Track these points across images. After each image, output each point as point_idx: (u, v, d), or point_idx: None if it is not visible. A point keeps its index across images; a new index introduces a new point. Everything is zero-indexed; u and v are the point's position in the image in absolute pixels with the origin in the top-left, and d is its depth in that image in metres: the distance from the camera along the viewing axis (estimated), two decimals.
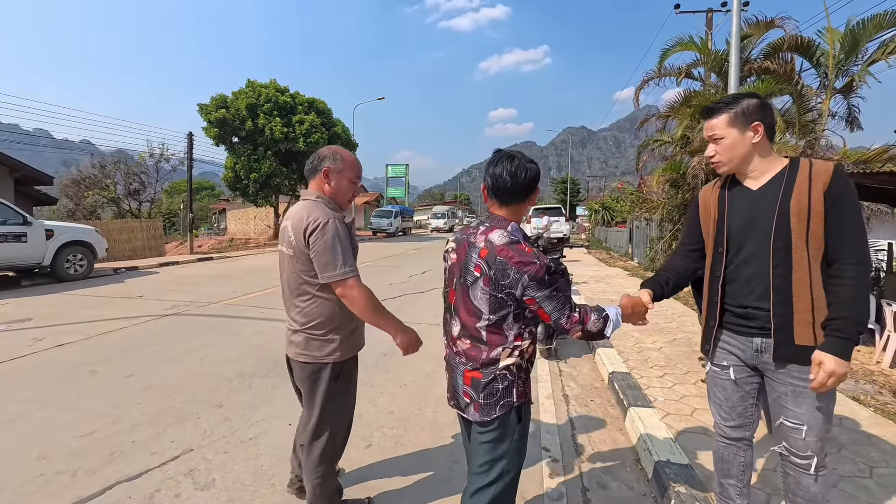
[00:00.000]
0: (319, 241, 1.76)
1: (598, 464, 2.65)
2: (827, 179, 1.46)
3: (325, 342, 1.90)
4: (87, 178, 23.84)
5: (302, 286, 1.88)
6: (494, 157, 1.60)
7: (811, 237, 1.47)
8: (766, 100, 1.63)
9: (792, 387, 1.56)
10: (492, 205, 1.58)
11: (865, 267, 1.46)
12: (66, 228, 9.92)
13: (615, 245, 18.39)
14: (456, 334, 1.61)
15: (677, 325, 5.60)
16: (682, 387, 3.58)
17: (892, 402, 3.34)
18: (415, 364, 4.34)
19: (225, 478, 2.45)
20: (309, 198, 1.91)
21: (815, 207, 1.46)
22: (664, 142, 12.18)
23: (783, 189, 1.53)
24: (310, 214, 1.80)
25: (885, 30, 7.93)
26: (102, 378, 3.92)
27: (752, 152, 1.59)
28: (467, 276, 1.54)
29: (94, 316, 6.25)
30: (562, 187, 55.46)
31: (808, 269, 1.49)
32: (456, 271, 1.60)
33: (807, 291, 1.50)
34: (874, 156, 6.79)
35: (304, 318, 1.90)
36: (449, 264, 1.66)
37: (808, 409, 1.54)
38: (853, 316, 1.43)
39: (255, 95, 20.75)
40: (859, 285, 1.44)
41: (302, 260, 1.83)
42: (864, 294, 1.47)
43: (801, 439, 1.57)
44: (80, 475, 2.47)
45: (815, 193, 1.47)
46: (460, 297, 1.58)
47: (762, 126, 1.55)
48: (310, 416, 1.97)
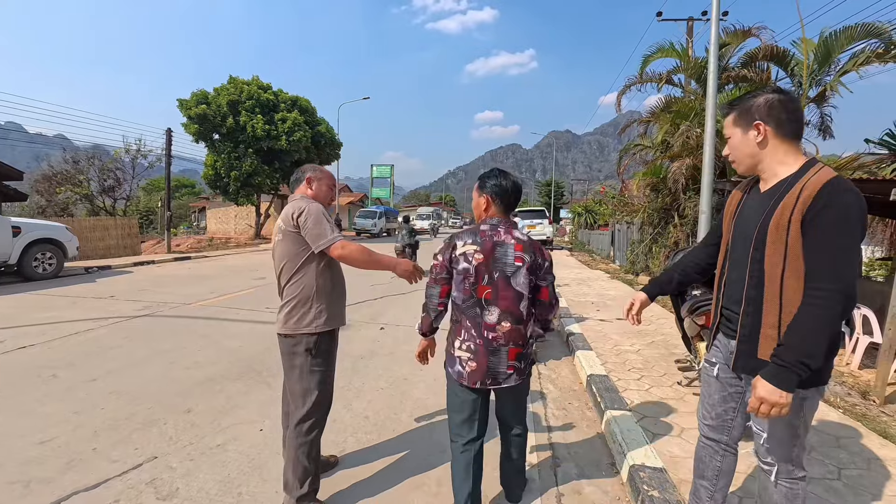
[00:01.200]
0: (308, 219, 2.06)
1: (574, 467, 2.63)
2: (812, 193, 1.36)
3: (303, 315, 2.13)
4: (60, 174, 23.05)
5: (286, 264, 2.15)
6: (497, 172, 2.03)
7: (789, 252, 1.40)
8: (782, 97, 1.49)
9: None
10: (496, 211, 1.97)
11: (836, 295, 1.30)
12: (35, 225, 9.55)
13: (597, 247, 18.60)
14: (495, 321, 1.90)
15: (655, 327, 5.65)
16: (658, 389, 3.60)
17: (860, 403, 3.41)
18: (392, 367, 4.29)
19: (189, 487, 2.35)
20: (295, 198, 2.22)
21: (794, 223, 1.38)
22: (645, 146, 12.38)
23: (776, 197, 1.47)
24: (296, 204, 2.13)
25: (856, 41, 8.19)
26: (64, 382, 3.75)
27: (757, 152, 1.53)
28: (506, 268, 1.90)
29: (60, 317, 6.01)
30: (546, 190, 55.95)
31: (780, 285, 1.43)
32: (484, 269, 1.89)
33: (775, 307, 1.44)
34: (845, 163, 7.01)
35: (288, 296, 2.16)
36: (473, 265, 1.89)
37: (771, 421, 1.52)
38: (799, 346, 1.32)
39: (237, 92, 20.37)
40: (821, 315, 1.31)
41: (289, 240, 2.12)
42: (821, 324, 1.31)
43: (761, 445, 1.57)
44: (33, 485, 2.35)
45: (798, 207, 1.37)
46: (498, 288, 1.90)
47: (764, 125, 1.48)
48: (291, 387, 2.16)
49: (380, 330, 5.57)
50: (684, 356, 4.17)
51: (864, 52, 8.10)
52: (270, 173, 21.42)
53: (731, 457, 1.80)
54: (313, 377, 2.14)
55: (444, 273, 1.98)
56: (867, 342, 4.21)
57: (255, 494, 2.30)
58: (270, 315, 6.31)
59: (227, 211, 30.85)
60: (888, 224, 7.74)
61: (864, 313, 4.26)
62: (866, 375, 4.04)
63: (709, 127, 6.48)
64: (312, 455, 2.14)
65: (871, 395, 3.55)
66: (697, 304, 3.21)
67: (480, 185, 2.01)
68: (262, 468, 2.53)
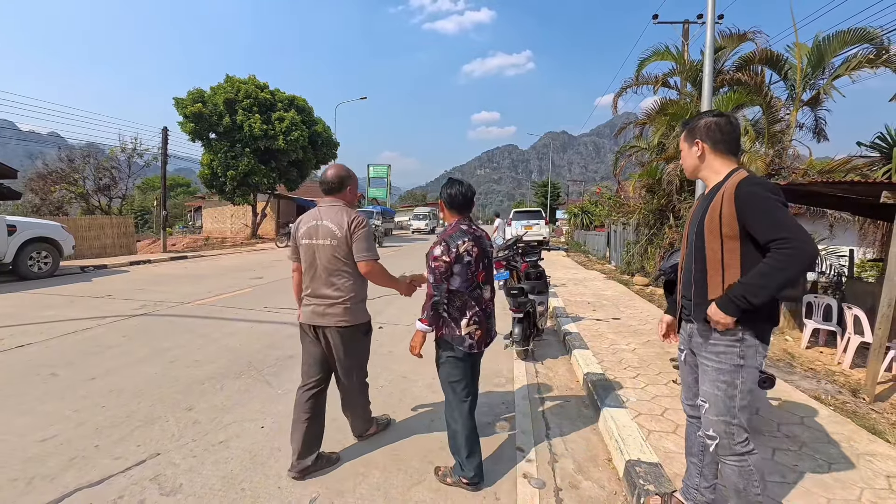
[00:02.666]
0: (362, 232, 2.44)
1: (572, 463, 2.68)
2: (729, 193, 1.66)
3: (359, 309, 2.53)
4: (55, 173, 22.82)
5: (341, 269, 2.45)
6: (451, 182, 2.48)
7: (725, 239, 1.68)
8: (719, 120, 1.81)
9: (701, 366, 1.81)
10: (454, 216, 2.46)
11: (798, 247, 1.51)
12: (30, 224, 9.52)
13: (593, 248, 18.69)
14: (488, 297, 2.47)
15: (651, 326, 5.72)
16: (654, 387, 3.65)
17: (850, 401, 3.49)
18: (391, 365, 4.33)
19: (192, 482, 2.38)
20: (336, 204, 2.53)
21: (726, 217, 1.66)
22: (641, 148, 12.47)
23: (709, 198, 1.79)
24: (350, 215, 2.47)
25: (849, 46, 8.31)
26: (64, 381, 3.77)
27: (697, 164, 1.87)
28: (490, 257, 2.49)
29: (58, 316, 6.00)
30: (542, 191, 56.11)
31: (721, 264, 1.69)
32: (479, 259, 2.36)
33: (718, 282, 1.70)
34: (837, 166, 7.11)
35: (341, 293, 2.45)
36: (473, 257, 2.32)
37: (709, 386, 1.76)
38: (745, 281, 1.60)
39: (234, 91, 20.30)
40: (771, 264, 1.55)
41: (343, 248, 2.42)
42: (767, 270, 1.55)
43: (704, 416, 1.79)
44: (36, 482, 2.37)
45: (725, 202, 1.67)
46: (487, 271, 2.46)
47: (702, 143, 1.83)
48: (350, 366, 2.56)
49: (378, 329, 5.60)
50: None
51: (857, 56, 8.21)
52: (267, 173, 21.36)
53: None
54: (365, 353, 2.69)
55: (449, 271, 2.29)
56: (858, 342, 4.29)
57: (257, 490, 2.33)
58: (269, 314, 6.33)
59: (222, 210, 30.72)
60: (879, 226, 7.85)
61: (855, 313, 4.34)
62: (857, 374, 4.11)
63: None
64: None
65: (862, 393, 3.62)
66: None
67: (440, 194, 2.50)
68: (264, 464, 2.56)
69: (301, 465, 2.43)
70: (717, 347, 1.73)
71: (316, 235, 2.45)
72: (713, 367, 1.74)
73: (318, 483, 2.40)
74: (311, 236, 2.46)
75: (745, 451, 1.71)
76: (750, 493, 1.70)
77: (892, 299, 3.45)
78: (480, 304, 2.39)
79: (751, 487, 1.69)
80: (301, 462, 2.43)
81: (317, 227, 2.46)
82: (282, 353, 4.59)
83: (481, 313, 2.39)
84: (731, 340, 1.69)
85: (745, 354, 1.68)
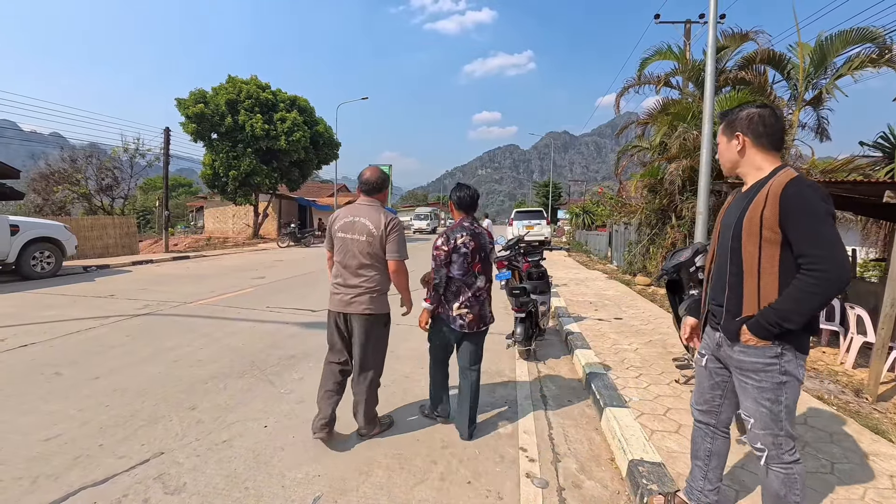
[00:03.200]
0: (397, 233, 2.69)
1: (574, 463, 2.68)
2: (776, 193, 1.54)
3: (383, 300, 2.77)
4: (57, 173, 22.90)
5: (373, 263, 2.68)
6: (457, 186, 2.98)
7: (764, 243, 1.58)
8: (763, 112, 1.69)
9: (740, 382, 1.74)
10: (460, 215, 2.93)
11: (817, 267, 1.46)
12: (33, 224, 9.54)
13: (595, 248, 18.67)
14: (481, 286, 2.88)
15: (653, 326, 5.72)
16: (656, 387, 3.65)
17: (853, 401, 3.48)
18: (394, 365, 4.32)
19: (196, 481, 2.39)
20: (374, 204, 2.77)
21: (767, 219, 1.55)
22: (643, 148, 12.46)
23: (749, 197, 1.67)
24: (388, 215, 2.71)
25: (851, 46, 8.29)
26: (68, 380, 3.78)
27: (737, 159, 1.75)
28: (488, 249, 2.94)
29: (61, 316, 6.02)
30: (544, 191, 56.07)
31: (758, 270, 1.60)
32: (476, 252, 2.82)
33: (754, 290, 1.61)
34: (840, 165, 7.10)
35: (371, 284, 2.69)
36: (469, 249, 2.79)
37: (751, 403, 1.68)
38: (778, 307, 1.53)
39: (236, 91, 20.34)
40: (802, 288, 1.48)
41: (377, 245, 2.66)
42: (799, 295, 1.49)
43: (750, 431, 1.72)
44: (40, 481, 2.37)
45: (769, 203, 1.55)
46: (484, 263, 2.90)
47: (743, 136, 1.71)
48: (367, 354, 2.75)
49: None
50: (681, 354, 4.23)
51: (859, 56, 8.19)
52: (269, 173, 21.41)
53: (721, 439, 1.96)
54: (383, 345, 2.87)
55: (447, 259, 2.79)
56: (861, 342, 4.28)
57: (260, 488, 2.34)
58: (271, 314, 6.34)
59: (224, 210, 30.77)
60: (882, 226, 7.83)
61: (857, 313, 4.33)
62: (860, 374, 4.11)
63: (706, 129, 6.55)
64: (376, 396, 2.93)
65: (864, 393, 3.62)
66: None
67: (450, 196, 2.99)
68: (267, 463, 2.57)
69: (323, 432, 2.74)
70: (755, 366, 1.64)
71: (352, 230, 2.69)
72: (754, 385, 1.66)
73: (321, 482, 2.41)
74: (348, 231, 2.70)
75: (792, 461, 1.65)
76: (790, 500, 1.66)
77: (894, 299, 3.44)
78: (473, 291, 2.84)
79: (791, 495, 1.66)
80: (322, 430, 2.74)
81: (353, 222, 2.70)
82: (284, 352, 4.59)
83: (473, 299, 2.84)
84: (770, 358, 1.61)
85: (786, 370, 1.60)
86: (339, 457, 2.67)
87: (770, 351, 1.60)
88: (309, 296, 7.79)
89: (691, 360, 3.66)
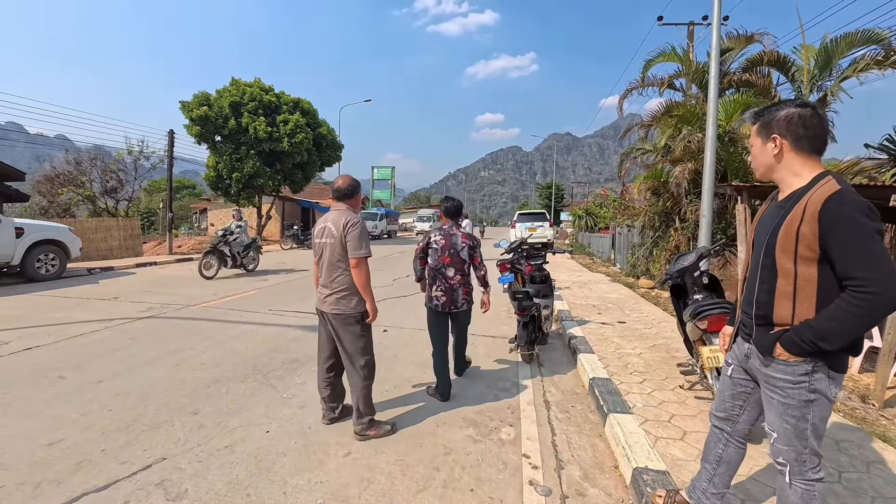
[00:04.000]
0: (354, 231, 2.82)
1: (578, 470, 2.66)
2: (815, 209, 1.43)
3: (351, 300, 2.90)
4: (62, 175, 23.05)
5: (338, 264, 2.88)
6: (445, 198, 3.87)
7: (800, 260, 1.48)
8: (804, 112, 1.54)
9: (766, 395, 1.68)
10: (446, 220, 3.75)
11: (868, 289, 1.35)
12: (38, 227, 9.59)
13: (598, 250, 18.62)
14: (451, 275, 3.57)
15: (657, 330, 5.68)
16: (660, 393, 3.62)
17: (860, 407, 3.44)
18: (396, 369, 4.32)
19: (198, 488, 2.38)
20: (341, 208, 2.97)
21: (805, 236, 1.45)
22: (646, 150, 12.42)
23: (786, 208, 1.55)
24: (347, 216, 2.87)
25: (856, 47, 8.24)
26: (71, 383, 3.79)
27: (773, 164, 1.62)
28: (457, 247, 3.61)
29: (65, 318, 6.04)
30: (546, 193, 55.97)
31: (794, 288, 1.51)
32: (446, 248, 3.59)
33: (788, 309, 1.53)
34: (845, 168, 7.04)
35: (338, 285, 2.88)
36: (439, 246, 3.60)
37: (776, 418, 1.62)
38: (816, 326, 1.45)
39: (239, 94, 20.41)
40: (847, 309, 1.39)
41: (339, 247, 2.84)
42: (843, 316, 1.39)
43: (772, 444, 1.67)
44: (43, 486, 2.38)
45: (806, 219, 1.45)
46: (454, 258, 3.59)
47: (780, 139, 1.57)
48: (346, 351, 2.94)
49: (383, 332, 5.60)
50: (686, 360, 4.19)
51: (864, 58, 8.15)
52: (272, 175, 21.45)
53: (734, 448, 1.94)
54: (364, 339, 2.97)
55: (421, 253, 3.73)
56: (867, 346, 4.24)
57: (262, 495, 2.33)
58: (273, 317, 6.34)
59: (228, 212, 30.82)
60: (888, 229, 7.77)
61: None
62: (866, 379, 4.06)
63: (710, 131, 6.52)
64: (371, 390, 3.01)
65: (871, 398, 3.57)
66: (700, 309, 3.24)
67: (440, 206, 3.85)
68: (269, 469, 2.56)
69: (329, 416, 3.11)
70: (783, 381, 1.56)
71: (323, 235, 2.95)
72: (779, 400, 1.58)
73: (323, 489, 2.40)
74: (320, 236, 2.98)
75: (816, 479, 1.59)
76: None
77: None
78: (445, 279, 3.58)
79: None
80: (329, 414, 3.11)
81: (324, 228, 2.95)
82: (286, 356, 4.59)
83: (446, 286, 3.57)
84: (800, 375, 1.52)
85: (816, 388, 1.51)
86: (341, 463, 2.66)
87: (801, 368, 1.52)
88: (311, 298, 7.76)
89: (696, 366, 3.63)
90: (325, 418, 3.13)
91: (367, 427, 2.94)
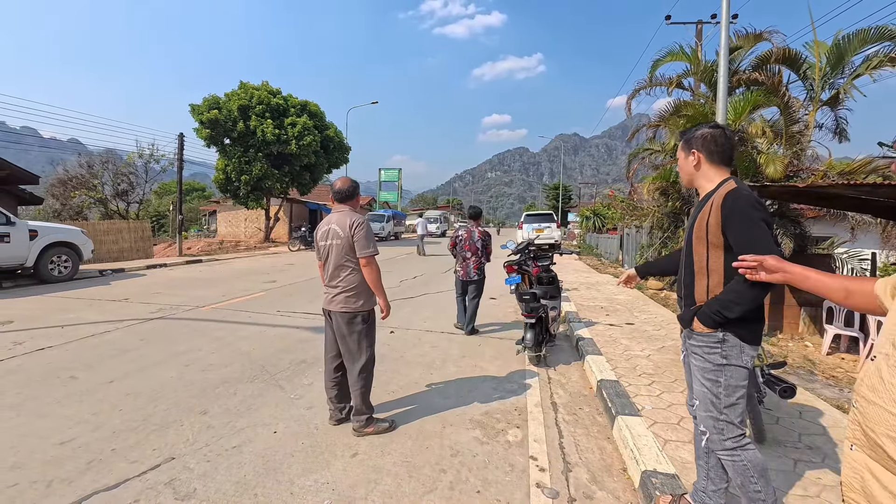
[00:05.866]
0: (361, 231, 2.91)
1: (586, 473, 2.64)
2: (718, 203, 1.77)
3: (359, 298, 2.97)
4: (75, 178, 23.46)
5: (345, 264, 2.94)
6: (471, 207, 6.32)
7: (710, 246, 1.82)
8: (715, 132, 1.90)
9: (691, 365, 1.94)
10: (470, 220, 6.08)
11: None
12: (51, 229, 9.75)
13: (606, 251, 18.49)
14: (468, 257, 5.65)
15: (665, 332, 5.63)
16: (669, 395, 3.58)
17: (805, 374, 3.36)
18: (402, 370, 4.32)
19: (206, 487, 2.40)
20: (344, 210, 3.05)
21: (712, 226, 1.79)
22: (654, 150, 12.31)
23: (700, 206, 1.90)
24: (352, 217, 2.96)
25: (869, 44, 8.10)
26: (83, 384, 3.84)
27: (694, 172, 1.97)
28: (474, 239, 5.67)
29: (77, 319, 6.13)
30: (554, 194, 55.76)
31: (706, 270, 1.84)
32: (467, 239, 5.67)
33: (703, 287, 1.85)
34: (858, 167, 6.92)
35: (345, 284, 2.95)
36: (463, 238, 5.69)
37: (697, 384, 1.90)
38: (721, 298, 1.76)
39: (248, 97, 20.61)
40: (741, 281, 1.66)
41: (347, 246, 2.91)
42: (739, 286, 1.69)
43: (696, 411, 1.94)
44: (55, 485, 2.41)
45: (713, 212, 1.79)
46: (472, 247, 5.65)
47: (698, 153, 1.93)
48: (349, 349, 2.99)
49: (390, 334, 5.61)
50: None
51: (878, 55, 8.01)
52: (280, 177, 21.62)
53: None
54: (367, 338, 3.03)
55: (454, 244, 5.76)
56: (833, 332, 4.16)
57: (269, 495, 2.34)
58: (281, 318, 6.38)
59: (237, 214, 31.15)
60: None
61: (877, 318, 4.21)
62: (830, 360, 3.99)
63: None
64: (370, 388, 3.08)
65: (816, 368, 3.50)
66: None
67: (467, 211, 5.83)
68: (277, 470, 2.57)
69: (336, 417, 3.13)
70: (701, 349, 1.85)
71: (327, 237, 3.00)
72: (699, 365, 1.87)
73: (329, 489, 2.40)
74: (324, 238, 3.02)
75: (735, 447, 1.79)
76: (749, 488, 1.77)
77: None
78: (465, 260, 5.64)
79: (748, 483, 1.77)
80: (336, 415, 3.13)
81: (327, 230, 3.00)
82: (294, 357, 4.61)
83: (464, 263, 5.64)
84: (713, 342, 1.81)
85: (727, 354, 1.79)
86: (348, 464, 2.66)
87: (713, 337, 1.81)
88: (319, 299, 7.81)
89: None
90: (332, 419, 3.15)
91: (365, 424, 2.98)
